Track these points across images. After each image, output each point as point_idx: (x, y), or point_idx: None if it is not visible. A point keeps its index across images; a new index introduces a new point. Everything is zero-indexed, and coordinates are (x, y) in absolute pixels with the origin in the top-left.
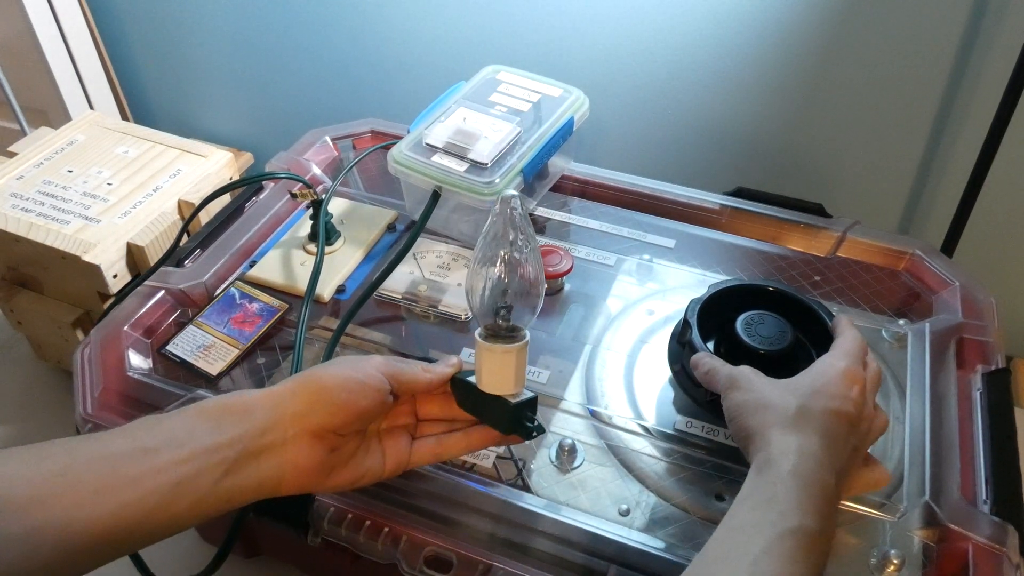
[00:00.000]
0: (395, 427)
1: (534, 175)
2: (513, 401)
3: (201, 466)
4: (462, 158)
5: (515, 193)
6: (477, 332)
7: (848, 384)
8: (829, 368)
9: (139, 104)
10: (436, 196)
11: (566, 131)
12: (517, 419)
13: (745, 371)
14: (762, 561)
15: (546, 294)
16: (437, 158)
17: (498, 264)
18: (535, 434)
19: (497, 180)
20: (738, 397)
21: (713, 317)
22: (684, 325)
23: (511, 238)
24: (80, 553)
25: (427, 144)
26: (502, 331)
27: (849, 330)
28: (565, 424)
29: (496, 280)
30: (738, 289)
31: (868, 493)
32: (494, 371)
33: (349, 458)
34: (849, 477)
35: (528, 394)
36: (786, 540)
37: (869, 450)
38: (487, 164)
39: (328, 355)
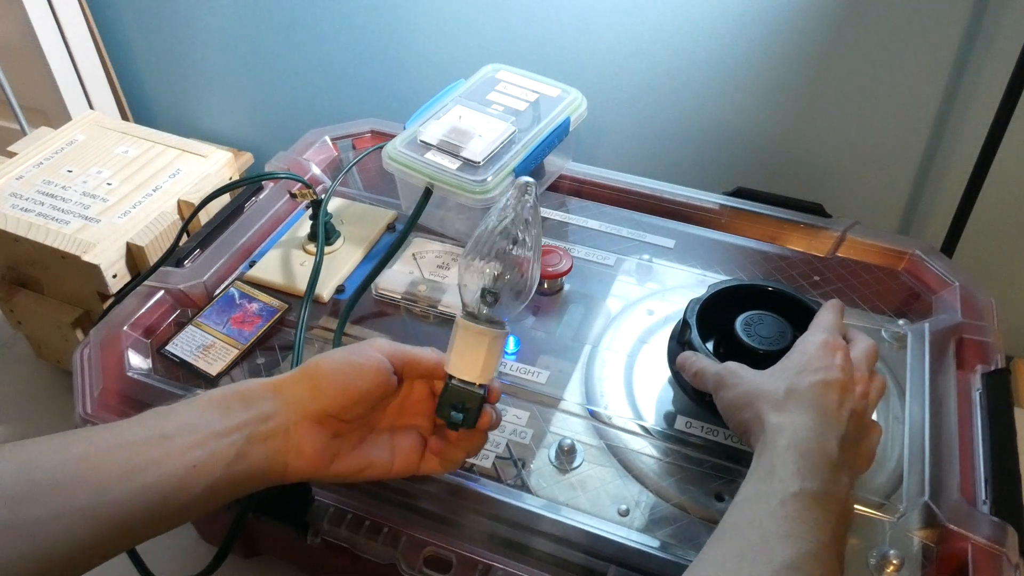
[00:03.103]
0: (409, 426)
1: (527, 175)
2: (452, 382)
3: (213, 450)
4: (455, 156)
5: (531, 180)
6: (459, 312)
7: (830, 353)
8: (808, 344)
9: (139, 104)
10: (428, 193)
11: (562, 131)
12: (445, 401)
13: (730, 367)
14: (767, 524)
15: (546, 294)
16: (430, 155)
17: (498, 250)
18: (458, 427)
19: (489, 179)
20: (728, 394)
21: (713, 317)
22: (683, 325)
23: (520, 226)
24: (109, 535)
25: (421, 141)
26: (481, 317)
27: (823, 311)
28: (564, 424)
29: (491, 266)
30: (738, 289)
31: (868, 494)
32: (461, 351)
33: (354, 447)
34: (860, 443)
35: (478, 389)
36: (788, 505)
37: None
38: (479, 163)
39: None
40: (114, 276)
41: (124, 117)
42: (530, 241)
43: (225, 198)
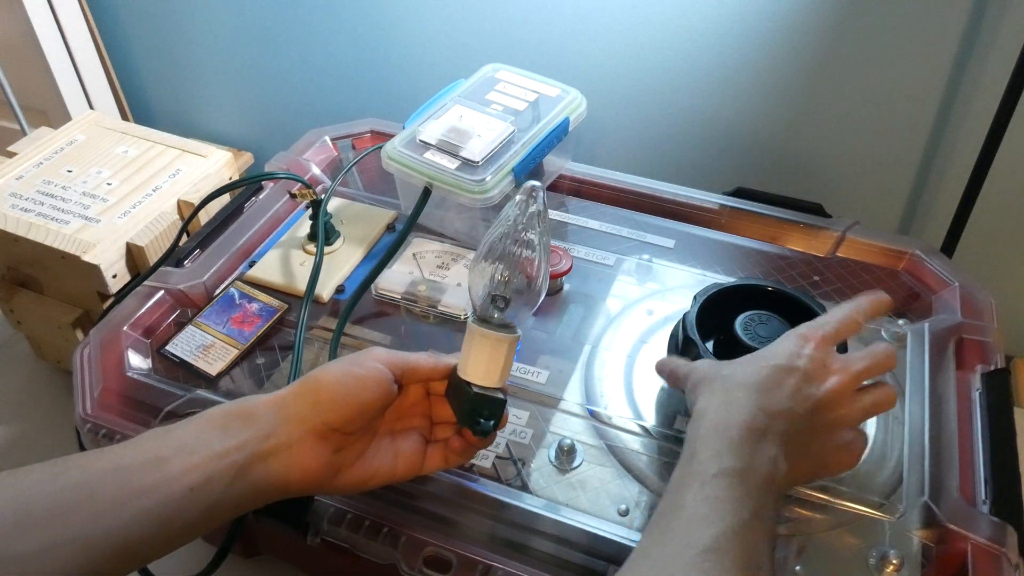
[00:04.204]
0: (408, 428)
1: (526, 174)
2: (474, 391)
3: (212, 471)
4: (454, 155)
5: (539, 184)
6: (470, 316)
7: (800, 343)
8: (783, 337)
9: (139, 104)
10: (427, 193)
11: (561, 131)
12: (471, 411)
13: (694, 364)
14: (689, 507)
15: (546, 294)
16: (429, 155)
17: (507, 254)
18: (485, 434)
19: (487, 179)
20: (686, 385)
21: (713, 317)
22: (691, 308)
23: (529, 230)
24: (102, 565)
25: (420, 141)
26: (494, 322)
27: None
28: (564, 424)
29: (501, 271)
30: (738, 289)
31: (868, 493)
32: (478, 358)
33: (357, 458)
34: (829, 437)
35: (498, 394)
36: (708, 487)
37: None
38: (478, 162)
39: (333, 355)
40: (114, 276)
41: (124, 117)
42: (539, 244)
43: (225, 198)
